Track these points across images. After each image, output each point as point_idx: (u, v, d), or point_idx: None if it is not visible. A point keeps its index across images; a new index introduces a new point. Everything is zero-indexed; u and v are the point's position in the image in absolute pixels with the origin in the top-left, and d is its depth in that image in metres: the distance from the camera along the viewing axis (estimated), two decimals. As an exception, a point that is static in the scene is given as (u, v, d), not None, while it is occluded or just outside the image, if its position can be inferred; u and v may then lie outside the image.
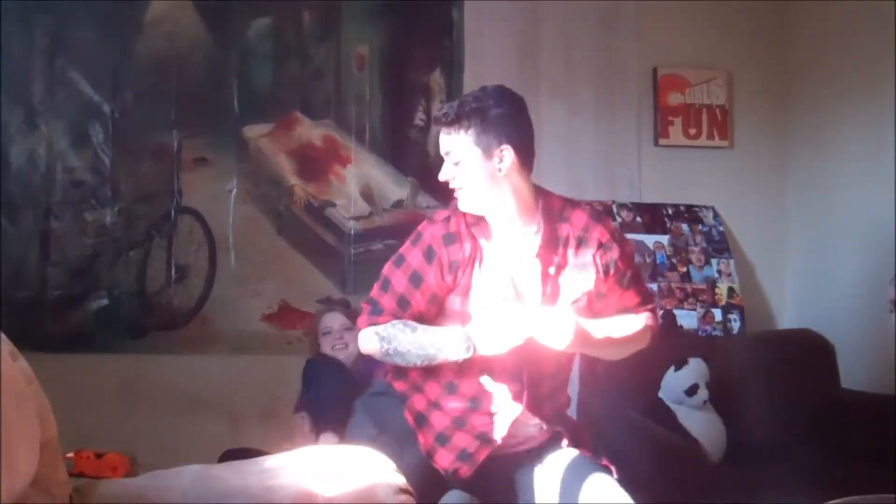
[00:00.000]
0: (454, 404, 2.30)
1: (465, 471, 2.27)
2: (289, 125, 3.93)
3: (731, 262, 4.13)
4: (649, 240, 4.06)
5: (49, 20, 3.70)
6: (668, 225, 4.12)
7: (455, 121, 2.25)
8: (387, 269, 2.36)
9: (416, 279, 2.29)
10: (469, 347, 2.19)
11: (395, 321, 2.29)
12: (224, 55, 3.88)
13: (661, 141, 4.23)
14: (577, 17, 4.18)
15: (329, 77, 3.99)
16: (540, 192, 2.36)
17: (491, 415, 2.29)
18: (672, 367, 3.55)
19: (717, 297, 4.06)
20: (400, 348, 2.25)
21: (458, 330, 2.22)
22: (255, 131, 3.89)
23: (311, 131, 3.94)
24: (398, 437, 2.33)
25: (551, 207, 2.34)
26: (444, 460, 2.28)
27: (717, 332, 4.02)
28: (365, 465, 1.94)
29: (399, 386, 2.39)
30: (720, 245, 4.15)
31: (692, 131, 4.26)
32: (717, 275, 4.10)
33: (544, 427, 2.35)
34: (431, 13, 4.10)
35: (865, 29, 3.88)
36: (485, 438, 2.28)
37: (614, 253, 2.34)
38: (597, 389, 3.59)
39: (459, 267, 2.26)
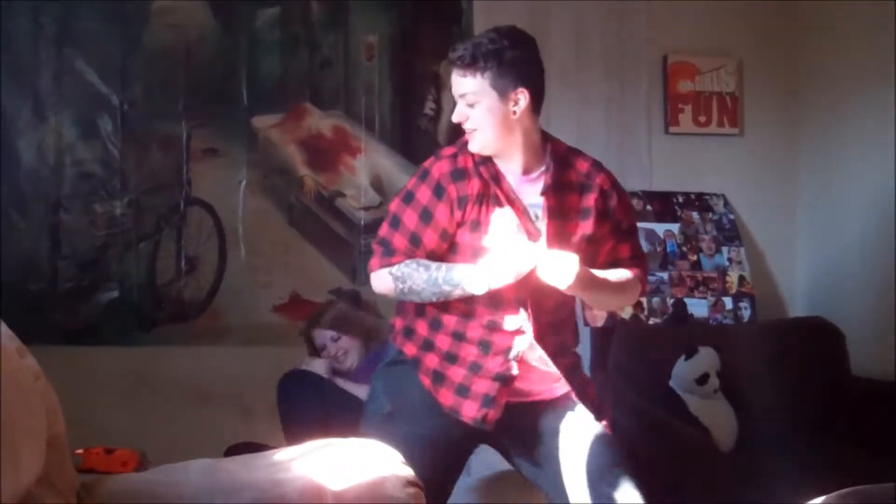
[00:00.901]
0: (466, 351, 2.33)
1: (493, 414, 2.31)
2: (298, 115, 3.92)
3: (742, 250, 4.12)
4: (660, 228, 4.05)
5: (56, 11, 3.68)
6: (679, 213, 4.11)
7: (471, 63, 2.25)
8: (395, 206, 2.37)
9: (426, 216, 2.30)
10: (483, 282, 2.22)
11: (408, 261, 2.31)
12: (232, 45, 3.86)
13: (672, 129, 4.21)
14: (586, 4, 4.16)
15: (338, 67, 3.97)
16: (547, 137, 2.40)
17: (503, 353, 2.31)
18: (683, 356, 3.54)
19: (727, 285, 4.05)
20: (415, 287, 2.29)
21: (471, 266, 2.25)
22: (264, 122, 3.87)
23: (320, 121, 3.93)
24: (414, 409, 2.35)
25: (557, 152, 2.38)
26: (470, 410, 2.31)
27: (728, 321, 4.00)
28: (373, 458, 1.94)
29: (409, 350, 2.40)
30: (731, 233, 4.14)
31: (702, 119, 4.24)
32: (727, 263, 4.08)
33: (551, 365, 2.36)
34: (440, 2, 4.08)
35: (877, 16, 3.85)
36: (503, 378, 2.31)
37: (613, 200, 2.40)
38: (607, 379, 3.59)
39: (468, 202, 2.28)
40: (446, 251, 2.34)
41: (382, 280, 2.37)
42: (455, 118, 2.32)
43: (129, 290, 3.71)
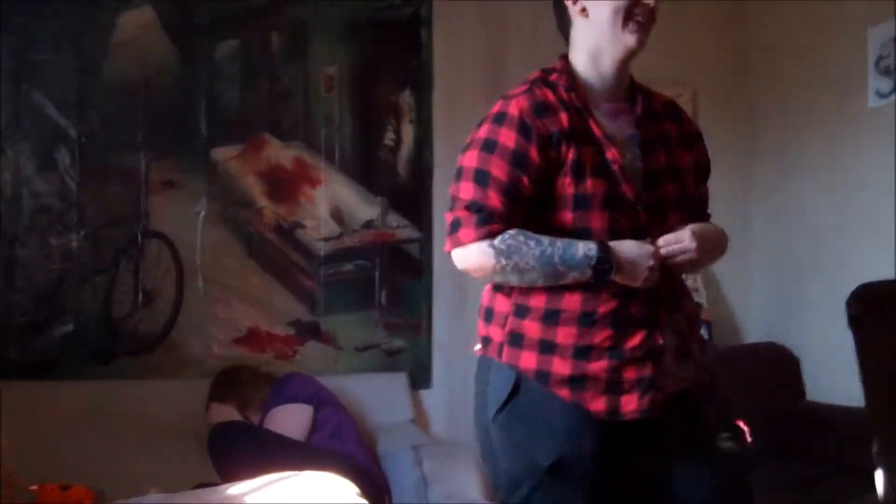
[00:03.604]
0: (600, 336, 1.91)
1: (658, 397, 1.92)
2: (258, 147, 3.92)
3: (698, 276, 4.16)
4: (618, 256, 4.07)
5: (14, 43, 3.66)
6: (637, 241, 4.14)
7: None
8: (477, 159, 1.93)
9: (519, 161, 1.90)
10: (604, 266, 1.86)
11: (513, 231, 1.89)
12: (192, 77, 3.86)
13: (630, 157, 4.25)
14: (544, 36, 4.14)
15: (298, 98, 3.98)
16: None
17: (643, 323, 1.93)
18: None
19: (685, 312, 4.08)
20: (522, 264, 1.87)
21: (591, 244, 1.87)
22: (223, 153, 3.87)
23: (280, 152, 3.94)
24: (555, 436, 1.93)
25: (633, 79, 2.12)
26: (631, 403, 1.91)
27: (687, 348, 4.03)
28: (327, 490, 1.94)
29: (527, 362, 1.93)
30: (688, 261, 4.18)
31: (660, 147, 4.28)
32: (685, 290, 4.12)
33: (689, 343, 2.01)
34: (400, 34, 4.11)
35: (826, 46, 3.93)
36: (654, 353, 1.93)
37: (700, 135, 2.16)
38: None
39: (561, 140, 1.91)
40: (540, 206, 1.93)
41: (477, 255, 1.91)
42: (645, 7, 2.02)
43: (85, 323, 3.67)
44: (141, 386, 3.63)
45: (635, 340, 1.90)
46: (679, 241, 1.92)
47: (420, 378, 3.97)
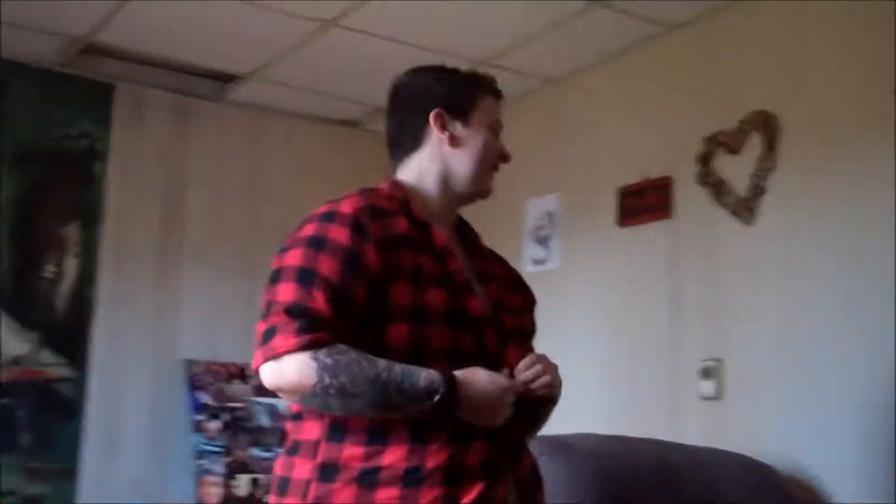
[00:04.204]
0: (426, 495, 1.55)
1: None
2: None
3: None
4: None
5: None
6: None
7: None
8: (301, 257, 1.59)
9: (353, 260, 1.58)
10: (448, 401, 1.55)
11: (342, 345, 1.54)
12: None
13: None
14: (223, 180, 4.25)
15: (-48, 224, 3.75)
16: None
17: (478, 472, 1.60)
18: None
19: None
20: (350, 386, 1.51)
21: (434, 374, 1.55)
22: None
23: (-79, 281, 3.65)
24: None
25: None
26: None
27: None
28: None
29: None
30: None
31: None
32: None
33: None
34: (72, 165, 4.02)
35: (489, 214, 4.20)
36: None
37: (527, 285, 1.94)
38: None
39: (399, 245, 1.64)
40: (369, 318, 1.60)
41: (295, 369, 1.53)
42: (506, 160, 1.88)
43: None
44: None
45: (471, 496, 1.56)
46: (535, 364, 1.69)
47: (63, 530, 3.70)
